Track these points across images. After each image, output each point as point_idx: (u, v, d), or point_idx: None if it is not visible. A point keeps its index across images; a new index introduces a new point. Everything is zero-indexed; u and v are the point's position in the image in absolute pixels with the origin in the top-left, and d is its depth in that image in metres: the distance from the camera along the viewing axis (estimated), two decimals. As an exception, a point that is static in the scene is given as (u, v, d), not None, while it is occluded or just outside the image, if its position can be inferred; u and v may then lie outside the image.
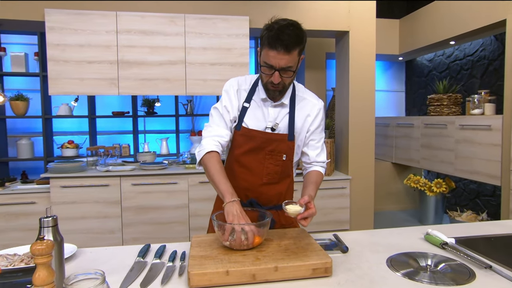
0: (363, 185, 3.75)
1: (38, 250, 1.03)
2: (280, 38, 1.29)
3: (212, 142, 1.46)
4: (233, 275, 1.10)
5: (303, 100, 1.54)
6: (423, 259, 1.26)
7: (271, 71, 1.36)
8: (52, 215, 1.14)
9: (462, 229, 1.63)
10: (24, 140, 4.29)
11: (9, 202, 3.26)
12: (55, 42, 3.21)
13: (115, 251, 1.43)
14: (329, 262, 1.15)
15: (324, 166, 1.60)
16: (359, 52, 3.66)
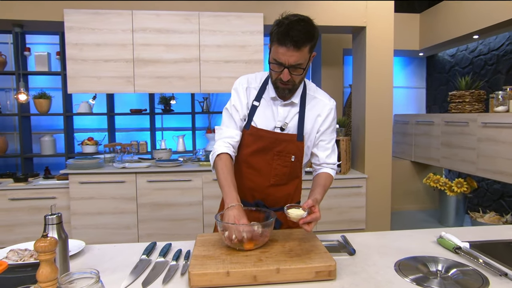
0: (380, 184, 3.65)
1: (41, 247, 1.04)
2: (289, 34, 1.24)
3: (223, 144, 1.45)
4: (233, 276, 1.08)
5: (314, 99, 1.49)
6: (433, 264, 1.20)
7: (280, 68, 1.32)
8: (56, 213, 1.15)
9: (480, 233, 1.55)
10: (47, 137, 4.42)
11: (32, 197, 3.36)
12: (74, 42, 3.27)
13: (122, 248, 1.44)
14: (332, 265, 1.11)
15: (335, 168, 1.54)
16: (376, 48, 3.56)
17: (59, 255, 1.14)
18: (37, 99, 4.29)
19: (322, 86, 4.62)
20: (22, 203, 3.35)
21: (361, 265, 1.23)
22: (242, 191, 1.50)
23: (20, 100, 3.67)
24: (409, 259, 1.24)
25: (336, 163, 1.54)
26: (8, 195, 3.35)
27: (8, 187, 3.36)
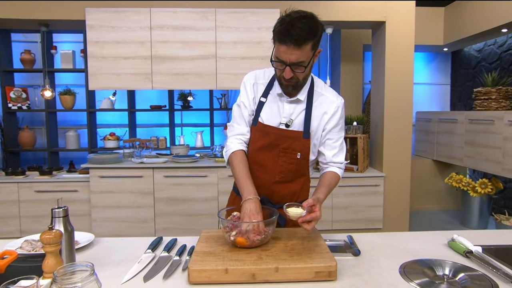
0: (398, 183, 3.55)
1: (46, 239, 1.08)
2: (290, 33, 1.22)
3: (236, 141, 1.48)
4: (232, 273, 1.07)
5: (321, 97, 1.46)
6: (441, 267, 1.15)
7: (282, 66, 1.30)
8: (63, 206, 1.18)
9: (496, 236, 1.48)
10: (72, 132, 4.56)
11: (55, 190, 3.48)
12: (95, 40, 3.35)
13: (129, 242, 1.46)
14: (333, 266, 1.08)
15: (342, 167, 1.51)
16: (396, 43, 3.45)
17: (65, 247, 1.17)
18: (62, 96, 4.44)
19: (341, 82, 4.53)
20: (46, 195, 3.48)
21: (364, 267, 1.19)
22: None
23: (46, 97, 3.80)
24: (415, 262, 1.20)
25: (344, 162, 1.50)
26: (34, 187, 3.49)
27: (34, 180, 3.50)
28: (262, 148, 1.45)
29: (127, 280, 1.12)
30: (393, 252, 1.31)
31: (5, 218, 3.49)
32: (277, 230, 1.39)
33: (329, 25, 3.56)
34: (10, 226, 3.50)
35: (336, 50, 4.64)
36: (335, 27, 3.69)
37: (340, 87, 4.55)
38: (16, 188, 3.48)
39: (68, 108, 4.46)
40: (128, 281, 1.12)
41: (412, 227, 3.92)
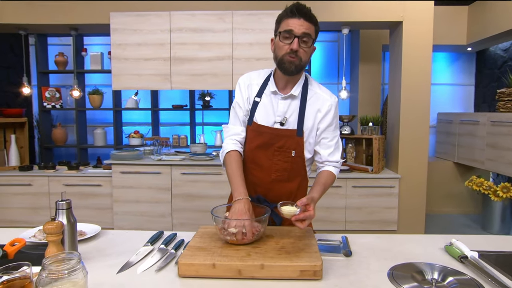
0: (414, 185, 3.44)
1: (48, 229, 1.13)
2: (300, 8, 1.33)
3: (231, 142, 1.50)
4: (219, 268, 1.09)
5: (315, 95, 1.46)
6: (430, 271, 1.11)
7: (290, 39, 1.33)
8: (66, 199, 1.23)
9: (500, 242, 1.41)
10: (99, 129, 4.74)
11: (81, 184, 3.64)
12: (118, 42, 3.47)
13: (133, 235, 1.51)
14: (318, 266, 1.08)
15: (338, 166, 1.49)
16: (413, 43, 3.34)
17: (68, 237, 1.22)
18: (91, 95, 4.62)
19: (359, 83, 4.45)
20: (73, 188, 3.64)
21: (354, 268, 1.17)
22: (246, 186, 1.51)
23: (74, 96, 3.97)
24: (406, 265, 1.16)
25: (340, 161, 1.49)
26: (63, 181, 3.66)
27: (63, 174, 3.67)
28: (257, 148, 1.46)
29: (123, 271, 1.16)
30: (387, 254, 1.28)
31: (37, 208, 3.68)
32: (271, 229, 1.39)
33: (345, 25, 3.50)
34: (41, 216, 3.68)
35: (355, 50, 4.56)
36: (352, 28, 3.62)
37: (359, 87, 4.46)
38: (47, 181, 3.66)
39: (96, 107, 4.65)
40: (123, 271, 1.16)
41: (429, 230, 3.79)
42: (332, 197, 3.47)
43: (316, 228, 3.54)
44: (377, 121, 3.61)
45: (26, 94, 4.12)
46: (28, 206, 3.67)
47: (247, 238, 1.20)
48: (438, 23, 4.16)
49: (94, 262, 1.24)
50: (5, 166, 3.91)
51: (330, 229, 3.51)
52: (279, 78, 1.46)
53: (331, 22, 3.44)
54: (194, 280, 1.09)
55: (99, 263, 1.24)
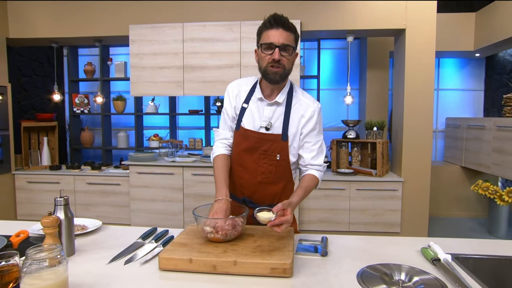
0: (417, 188, 3.35)
1: (45, 223, 1.19)
2: (277, 19, 1.33)
3: (220, 145, 1.54)
4: (195, 263, 1.11)
5: (299, 101, 1.47)
6: (398, 272, 1.09)
7: (271, 50, 1.33)
8: (64, 196, 1.29)
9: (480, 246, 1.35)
10: (122, 132, 4.89)
11: (102, 182, 3.77)
12: (136, 52, 3.58)
13: (130, 230, 1.55)
14: (287, 264, 1.08)
15: (321, 170, 1.48)
16: (416, 50, 3.25)
17: (65, 231, 1.27)
18: (115, 101, 4.78)
19: (367, 89, 4.38)
20: (95, 187, 3.77)
21: (326, 267, 1.16)
22: (233, 187, 1.55)
23: (97, 102, 4.13)
24: (376, 266, 1.14)
25: (323, 165, 1.48)
26: (86, 180, 3.80)
27: (87, 174, 3.81)
28: (244, 151, 1.47)
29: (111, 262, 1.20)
30: (363, 255, 1.26)
31: (64, 205, 3.83)
32: (253, 228, 1.40)
33: (350, 33, 3.46)
34: (67, 212, 3.84)
35: (363, 57, 4.49)
36: (357, 36, 3.58)
37: (367, 93, 4.39)
38: (73, 180, 3.82)
39: (120, 112, 4.80)
40: (112, 262, 1.20)
41: (434, 233, 3.67)
42: (336, 199, 3.43)
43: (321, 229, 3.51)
44: (381, 126, 3.54)
45: (57, 101, 4.31)
46: (56, 202, 3.83)
47: (221, 236, 1.22)
48: (446, 30, 4.04)
49: (89, 254, 1.29)
50: (38, 166, 4.11)
51: (334, 230, 3.47)
52: (265, 86, 1.47)
53: (336, 31, 3.41)
54: (172, 273, 1.12)
55: (93, 255, 1.29)
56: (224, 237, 1.22)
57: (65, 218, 1.27)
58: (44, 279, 0.89)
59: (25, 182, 3.88)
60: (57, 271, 0.90)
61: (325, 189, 3.43)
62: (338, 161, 3.70)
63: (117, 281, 1.07)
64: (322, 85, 4.80)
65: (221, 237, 1.21)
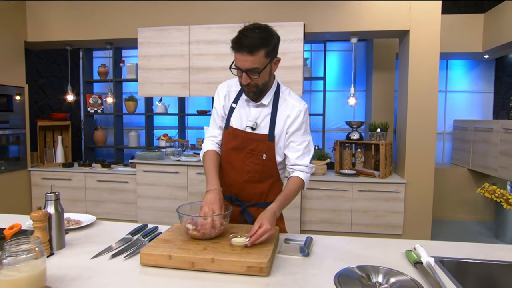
0: (420, 190, 3.25)
1: (34, 217, 1.21)
2: (242, 41, 1.26)
3: (209, 142, 1.55)
4: (174, 260, 1.11)
5: (285, 102, 1.45)
6: (376, 274, 1.05)
7: (240, 73, 1.33)
8: (54, 191, 1.31)
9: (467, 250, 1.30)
10: (133, 132, 4.96)
11: (111, 180, 3.82)
12: (143, 54, 3.62)
13: (121, 226, 1.56)
14: (264, 263, 1.06)
15: (307, 171, 1.45)
16: (420, 51, 3.17)
17: (55, 225, 1.29)
18: (126, 101, 4.85)
19: (373, 90, 4.30)
20: (105, 184, 3.84)
21: (305, 267, 1.14)
22: (222, 185, 1.53)
23: (108, 102, 4.20)
24: (355, 268, 1.11)
25: (309, 165, 1.45)
26: (96, 177, 3.87)
27: (97, 171, 3.88)
28: (232, 150, 1.47)
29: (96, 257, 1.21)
30: (346, 256, 1.23)
31: (75, 200, 3.92)
32: (240, 226, 1.39)
33: (354, 35, 3.41)
34: (78, 208, 3.92)
35: (370, 58, 4.41)
36: (360, 37, 3.51)
37: (372, 94, 4.31)
38: (84, 177, 3.89)
39: (131, 112, 4.86)
40: (97, 257, 1.21)
41: (438, 236, 3.57)
42: (339, 200, 3.37)
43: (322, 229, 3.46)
44: (385, 127, 3.46)
45: (70, 101, 4.41)
46: (68, 198, 3.92)
47: (200, 234, 1.21)
48: (454, 31, 3.93)
49: (78, 248, 1.31)
50: (53, 163, 4.21)
51: (336, 231, 3.41)
52: None
53: (340, 32, 3.36)
54: (153, 269, 1.12)
55: (81, 249, 1.30)
56: (202, 235, 1.21)
57: (55, 213, 1.29)
58: (21, 271, 0.89)
59: (40, 179, 3.98)
60: (33, 264, 0.91)
61: (328, 190, 3.38)
62: (341, 162, 3.64)
63: (98, 275, 1.08)
64: (328, 87, 4.74)
65: (200, 236, 1.21)
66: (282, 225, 1.53)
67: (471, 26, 3.97)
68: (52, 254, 1.25)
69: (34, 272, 0.91)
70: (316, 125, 4.86)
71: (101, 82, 5.04)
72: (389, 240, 1.39)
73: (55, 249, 1.28)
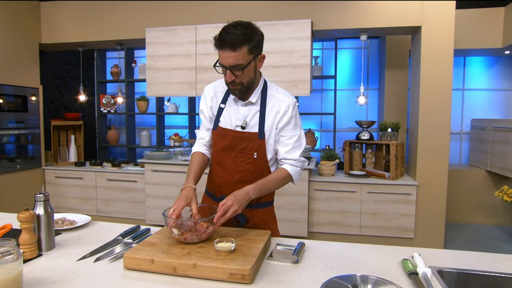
0: (433, 193, 3.12)
1: (22, 218, 1.21)
2: (224, 38, 1.24)
3: (197, 144, 1.57)
4: (157, 264, 1.08)
5: (273, 98, 1.42)
6: (364, 284, 0.99)
7: (224, 71, 1.31)
8: (44, 192, 1.30)
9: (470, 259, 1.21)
10: (145, 131, 5.01)
11: (121, 179, 3.86)
12: (151, 54, 3.63)
13: (115, 227, 1.54)
14: (246, 270, 1.01)
15: (296, 165, 1.42)
16: (432, 48, 3.03)
17: (44, 226, 1.28)
18: (138, 101, 4.90)
19: (385, 89, 4.16)
20: (114, 183, 3.88)
21: (292, 275, 1.08)
22: (213, 187, 1.54)
23: (119, 103, 4.24)
24: (343, 277, 1.04)
25: (298, 159, 1.42)
26: (106, 176, 3.92)
27: (107, 170, 3.93)
28: (222, 150, 1.44)
29: (80, 259, 1.19)
30: (337, 264, 1.16)
31: (87, 199, 3.99)
32: (230, 230, 1.35)
33: (363, 32, 3.30)
34: (90, 206, 3.98)
35: (382, 56, 4.28)
36: (370, 34, 3.40)
37: (385, 93, 4.18)
38: (94, 176, 3.95)
39: (143, 112, 4.91)
40: (82, 259, 1.19)
41: (452, 240, 3.41)
42: (347, 201, 3.28)
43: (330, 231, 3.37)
44: (396, 127, 3.34)
45: (82, 101, 4.48)
46: (80, 196, 3.99)
47: (182, 239, 1.17)
48: (471, 26, 3.75)
49: (67, 249, 1.30)
50: (66, 162, 4.30)
51: (344, 233, 3.32)
52: None
53: (349, 30, 3.26)
54: (135, 273, 1.09)
55: (70, 250, 1.29)
56: (185, 240, 1.17)
57: (44, 214, 1.28)
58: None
59: (54, 177, 4.07)
60: (8, 267, 0.90)
61: (336, 191, 3.30)
62: (351, 163, 3.54)
63: (80, 278, 1.06)
64: (340, 85, 4.64)
65: (183, 240, 1.17)
66: (275, 227, 1.49)
67: (490, 20, 3.77)
68: (40, 255, 1.24)
69: (8, 276, 0.90)
70: (327, 125, 4.76)
71: (114, 82, 5.11)
72: (388, 247, 1.32)
73: (44, 250, 1.28)
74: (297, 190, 3.27)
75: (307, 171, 3.25)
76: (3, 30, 3.56)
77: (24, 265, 1.14)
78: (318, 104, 4.82)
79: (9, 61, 3.63)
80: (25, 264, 1.16)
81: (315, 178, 3.35)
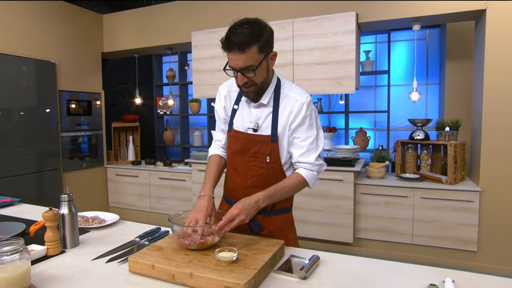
0: (500, 200, 2.68)
1: (46, 217, 1.29)
2: (231, 39, 1.17)
3: (214, 147, 1.52)
4: (157, 270, 1.06)
5: (286, 97, 1.32)
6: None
7: (234, 74, 1.24)
8: (68, 193, 1.37)
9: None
10: (197, 132, 5.18)
11: (171, 178, 4.03)
12: (197, 57, 3.71)
13: (139, 227, 1.58)
14: (241, 285, 0.94)
15: (312, 169, 1.30)
16: (499, 35, 2.59)
17: (68, 224, 1.35)
18: (191, 103, 5.09)
19: (446, 83, 3.72)
20: (165, 181, 4.06)
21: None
22: (227, 191, 1.49)
23: (169, 105, 4.43)
24: (351, 300, 0.91)
25: (314, 163, 1.30)
26: (159, 175, 4.13)
27: (159, 169, 4.13)
28: (235, 153, 1.39)
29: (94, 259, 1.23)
30: (350, 285, 1.03)
31: (142, 196, 4.24)
32: (241, 237, 1.28)
33: (416, 21, 2.96)
34: (144, 202, 4.23)
35: (443, 47, 3.82)
36: (424, 23, 3.04)
37: (445, 88, 3.73)
38: (148, 174, 4.19)
39: (195, 113, 5.08)
40: (96, 259, 1.23)
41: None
42: (397, 207, 2.99)
43: (379, 238, 3.12)
44: (455, 125, 2.95)
45: (138, 104, 4.78)
46: (135, 193, 4.26)
47: (185, 246, 1.13)
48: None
49: (88, 247, 1.35)
50: (125, 160, 4.63)
51: (395, 241, 3.03)
52: None
53: (398, 20, 2.95)
54: (137, 277, 1.09)
55: (91, 249, 1.34)
56: (187, 246, 1.13)
57: (68, 213, 1.35)
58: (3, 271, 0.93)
59: (114, 175, 4.40)
60: (17, 264, 0.95)
61: (385, 196, 3.03)
62: (403, 165, 3.22)
63: (86, 279, 1.08)
64: (395, 81, 4.28)
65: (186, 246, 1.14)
66: (292, 235, 1.38)
67: None
68: (63, 251, 1.31)
69: (15, 273, 0.95)
70: (381, 123, 4.43)
71: (169, 85, 5.37)
72: (416, 267, 1.13)
73: (69, 247, 1.34)
74: (341, 194, 3.08)
75: (352, 174, 3.03)
76: (73, 42, 3.96)
77: (45, 262, 1.22)
78: (371, 102, 4.50)
79: (78, 69, 4.02)
80: (46, 260, 1.23)
81: (362, 181, 3.11)
